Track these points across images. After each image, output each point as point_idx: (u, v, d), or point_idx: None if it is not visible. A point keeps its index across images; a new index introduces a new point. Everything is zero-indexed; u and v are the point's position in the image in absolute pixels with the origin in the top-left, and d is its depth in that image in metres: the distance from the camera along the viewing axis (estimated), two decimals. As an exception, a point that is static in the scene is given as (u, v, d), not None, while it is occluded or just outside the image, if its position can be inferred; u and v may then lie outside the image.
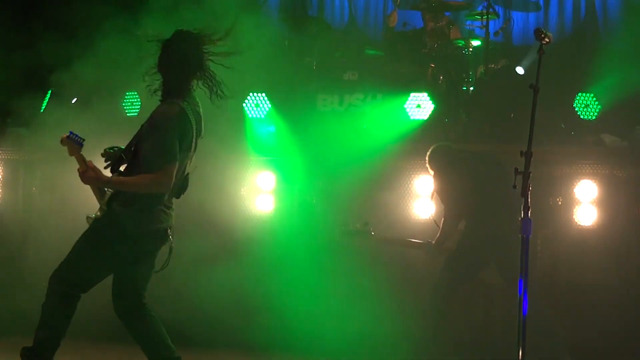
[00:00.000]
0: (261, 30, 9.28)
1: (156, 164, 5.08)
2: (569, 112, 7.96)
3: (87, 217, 5.30)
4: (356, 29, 10.76)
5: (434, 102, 8.26)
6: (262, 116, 8.70)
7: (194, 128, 5.22)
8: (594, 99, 8.00)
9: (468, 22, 9.38)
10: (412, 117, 8.37)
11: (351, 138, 8.28)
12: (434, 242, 7.01)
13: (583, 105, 7.90)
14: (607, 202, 7.31)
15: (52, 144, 7.90)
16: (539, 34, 4.85)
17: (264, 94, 8.69)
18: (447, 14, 9.20)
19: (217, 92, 5.33)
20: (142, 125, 5.31)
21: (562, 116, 8.08)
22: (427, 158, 7.07)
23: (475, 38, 9.21)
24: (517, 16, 10.37)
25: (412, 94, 8.37)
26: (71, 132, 5.22)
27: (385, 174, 7.98)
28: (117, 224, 5.18)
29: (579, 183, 7.37)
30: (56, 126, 8.20)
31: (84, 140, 5.22)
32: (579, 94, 7.98)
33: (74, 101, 9.07)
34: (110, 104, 8.87)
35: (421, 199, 7.78)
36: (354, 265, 7.69)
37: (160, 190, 5.15)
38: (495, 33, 9.32)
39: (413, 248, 7.26)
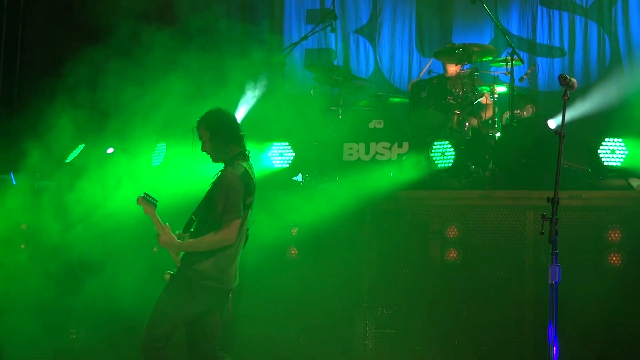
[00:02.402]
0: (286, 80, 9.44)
1: (223, 221, 5.71)
2: (595, 158, 7.92)
3: (166, 273, 5.84)
4: (381, 77, 10.83)
5: (454, 150, 8.33)
6: (287, 166, 8.81)
7: (254, 187, 5.96)
8: (622, 144, 7.96)
9: (493, 69, 9.42)
10: (438, 165, 8.42)
11: (377, 185, 8.35)
12: None
13: (609, 151, 7.89)
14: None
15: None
16: (563, 79, 4.90)
17: (287, 144, 8.78)
18: (467, 66, 9.19)
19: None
20: (209, 189, 5.94)
21: (589, 162, 8.05)
22: None
23: (500, 84, 9.25)
24: (542, 62, 10.44)
25: (435, 142, 8.46)
26: (145, 194, 5.79)
27: (413, 222, 7.97)
28: (191, 281, 5.76)
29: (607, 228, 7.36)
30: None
31: (157, 201, 5.80)
32: (605, 140, 7.90)
33: (109, 151, 9.24)
34: (140, 154, 9.01)
35: (451, 246, 7.77)
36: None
37: (225, 244, 5.77)
38: (520, 79, 9.35)
39: None
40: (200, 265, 5.79)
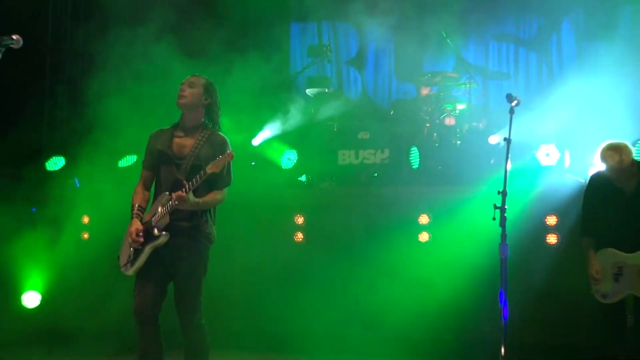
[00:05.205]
0: (294, 102, 9.43)
1: (227, 182, 5.01)
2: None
3: (163, 233, 4.82)
4: (367, 98, 10.81)
5: (419, 155, 8.36)
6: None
7: None
8: (557, 148, 7.89)
9: (454, 90, 9.41)
10: (413, 166, 8.45)
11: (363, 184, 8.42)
12: None
13: (545, 154, 7.85)
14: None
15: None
16: (509, 98, 4.91)
17: (294, 151, 8.77)
18: (435, 88, 9.15)
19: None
20: (196, 148, 4.94)
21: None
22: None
23: (461, 102, 9.24)
24: (493, 84, 10.44)
25: (411, 149, 8.47)
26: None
27: (395, 212, 7.90)
28: (204, 245, 4.99)
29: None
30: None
31: None
32: (541, 145, 7.89)
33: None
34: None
35: (423, 232, 7.73)
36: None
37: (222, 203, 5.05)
38: (476, 98, 9.40)
39: None
40: (209, 228, 5.00)
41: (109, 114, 8.17)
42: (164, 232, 4.79)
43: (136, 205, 5.01)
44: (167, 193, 4.83)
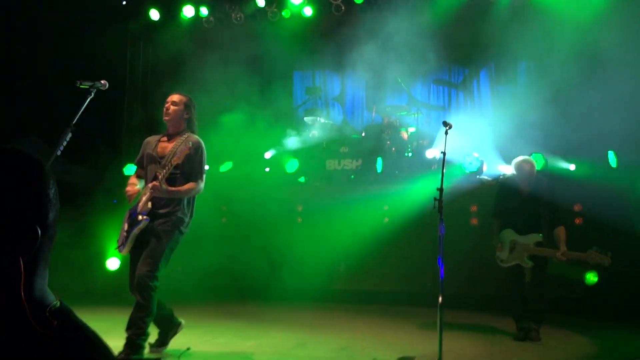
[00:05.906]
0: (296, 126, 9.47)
1: (200, 175, 4.49)
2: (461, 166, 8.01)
3: (143, 217, 4.36)
4: (347, 123, 10.89)
5: (382, 163, 8.42)
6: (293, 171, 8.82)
7: None
8: (476, 158, 8.01)
9: (407, 118, 9.46)
10: (378, 171, 8.54)
11: (344, 183, 8.46)
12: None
13: (469, 162, 8.01)
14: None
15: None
16: (444, 123, 4.91)
17: (296, 160, 8.78)
18: (393, 116, 9.30)
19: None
20: (174, 147, 4.50)
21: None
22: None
23: (411, 126, 9.31)
24: (433, 113, 10.53)
25: (377, 158, 8.55)
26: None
27: (366, 203, 7.94)
28: (179, 228, 4.47)
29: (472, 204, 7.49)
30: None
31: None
32: (466, 156, 8.00)
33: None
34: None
35: (385, 217, 7.76)
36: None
37: (198, 193, 4.55)
38: (422, 124, 9.48)
39: None
40: (185, 216, 4.48)
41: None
42: (145, 217, 4.36)
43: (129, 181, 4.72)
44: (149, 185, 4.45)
